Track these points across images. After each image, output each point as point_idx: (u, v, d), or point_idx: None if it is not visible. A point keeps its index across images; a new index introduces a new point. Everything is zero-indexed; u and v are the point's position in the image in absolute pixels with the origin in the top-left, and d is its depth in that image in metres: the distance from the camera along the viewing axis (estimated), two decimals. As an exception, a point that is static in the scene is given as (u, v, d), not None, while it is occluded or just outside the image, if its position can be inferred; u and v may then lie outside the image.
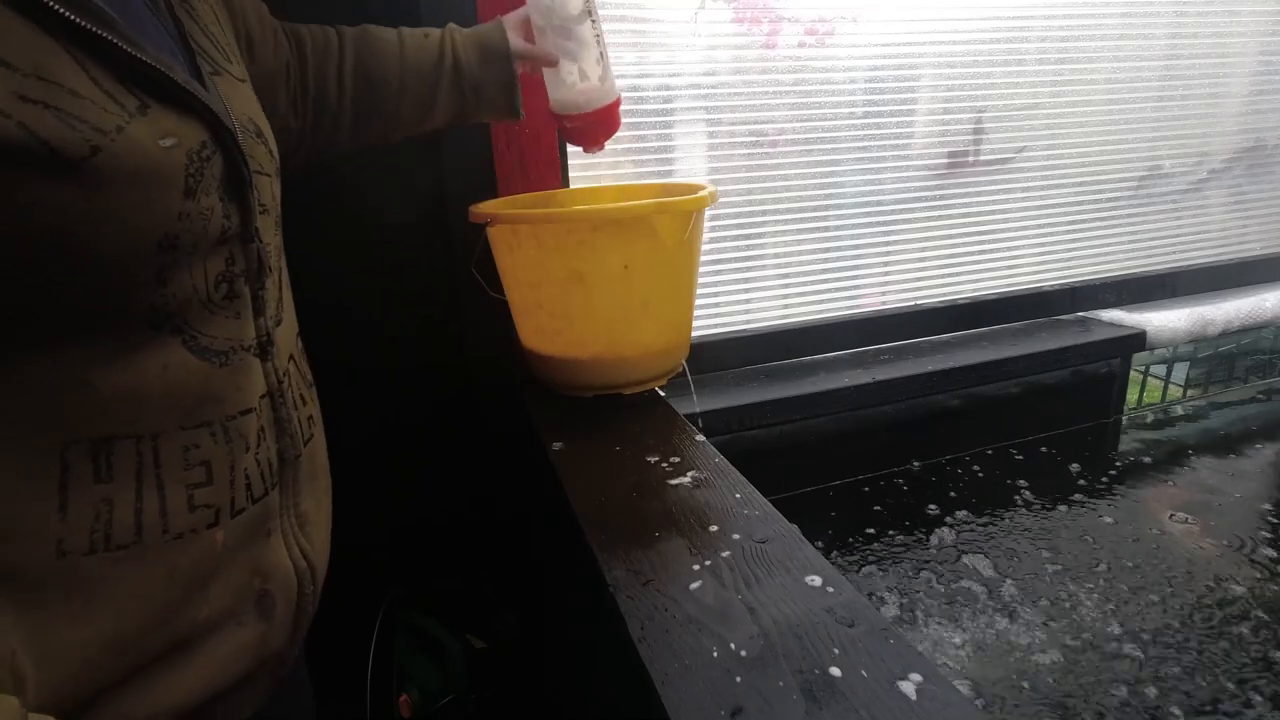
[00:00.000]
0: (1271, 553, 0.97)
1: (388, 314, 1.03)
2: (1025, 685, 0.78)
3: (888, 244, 1.28)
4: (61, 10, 0.34)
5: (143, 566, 0.38)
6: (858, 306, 1.29)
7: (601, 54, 0.77)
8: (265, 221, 0.47)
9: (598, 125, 0.80)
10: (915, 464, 1.24)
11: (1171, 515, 1.07)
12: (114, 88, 0.36)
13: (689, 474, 0.68)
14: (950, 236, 1.32)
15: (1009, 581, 0.94)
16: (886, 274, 1.30)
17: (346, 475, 0.63)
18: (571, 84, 0.78)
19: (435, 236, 0.99)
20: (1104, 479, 1.17)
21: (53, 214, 0.33)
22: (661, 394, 0.91)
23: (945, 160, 1.27)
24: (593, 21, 0.76)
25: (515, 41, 0.75)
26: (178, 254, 0.39)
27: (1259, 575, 0.93)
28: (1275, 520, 1.05)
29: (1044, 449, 1.28)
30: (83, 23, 0.34)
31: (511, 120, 0.79)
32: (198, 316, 0.41)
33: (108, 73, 0.36)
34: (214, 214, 0.41)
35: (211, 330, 0.42)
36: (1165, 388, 1.54)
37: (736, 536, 0.57)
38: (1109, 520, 1.06)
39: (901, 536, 1.05)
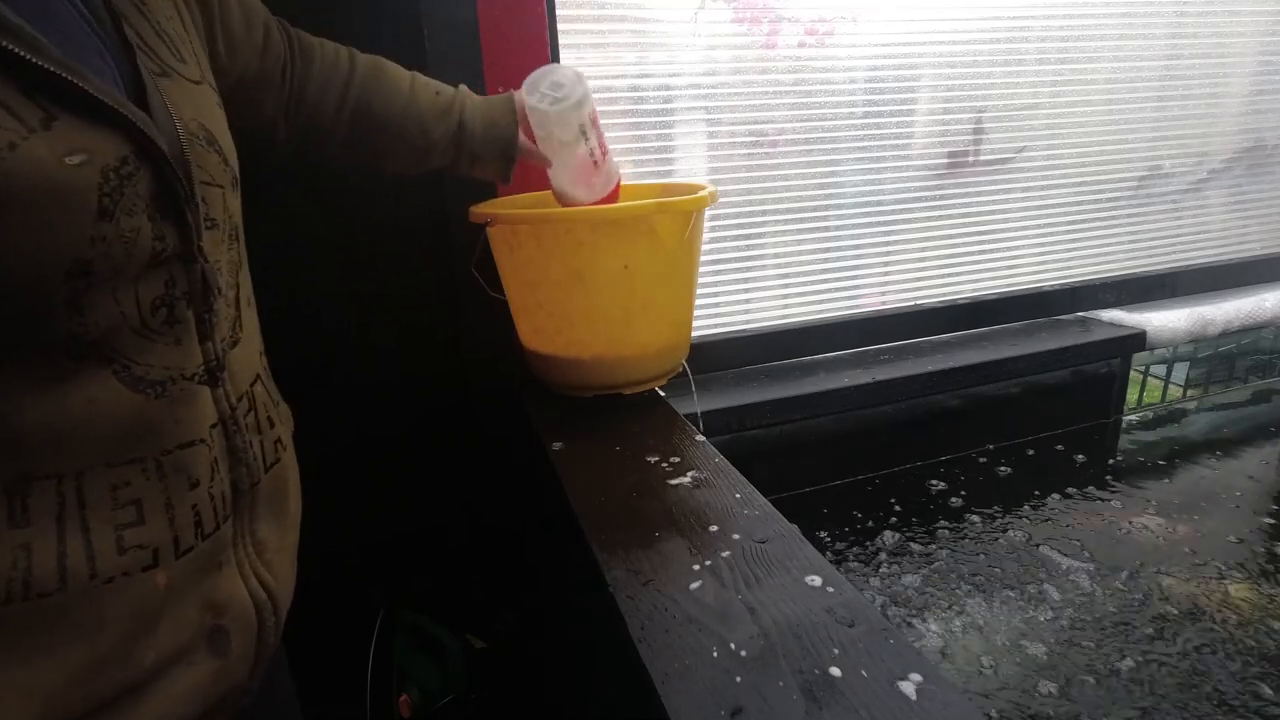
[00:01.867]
0: (1272, 552, 0.97)
1: (387, 314, 1.03)
2: (1028, 683, 0.78)
3: (888, 244, 1.28)
4: None
5: (71, 615, 0.35)
6: (858, 306, 1.29)
7: (596, 162, 0.79)
8: (214, 238, 0.44)
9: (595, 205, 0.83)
10: (915, 464, 1.24)
11: (1172, 515, 1.07)
12: (13, 98, 0.33)
13: (689, 474, 0.68)
14: (950, 236, 1.32)
15: (1010, 579, 0.94)
16: (886, 274, 1.30)
17: (345, 478, 0.63)
18: (570, 180, 0.80)
19: (435, 236, 0.99)
20: (1104, 479, 1.17)
21: None
22: (661, 394, 0.91)
23: (945, 160, 1.27)
24: (585, 139, 0.77)
25: (520, 137, 0.77)
26: (93, 280, 0.36)
27: (1259, 575, 0.93)
28: (1275, 520, 1.05)
29: (1044, 449, 1.28)
30: None
31: (501, 183, 0.82)
32: (130, 344, 0.38)
33: (9, 82, 0.33)
34: (140, 235, 0.37)
35: (148, 359, 0.39)
36: (1165, 388, 1.54)
37: (736, 536, 0.57)
38: (1108, 520, 1.06)
39: (902, 536, 1.05)
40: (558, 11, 0.96)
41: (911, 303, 1.32)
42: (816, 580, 0.51)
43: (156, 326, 0.39)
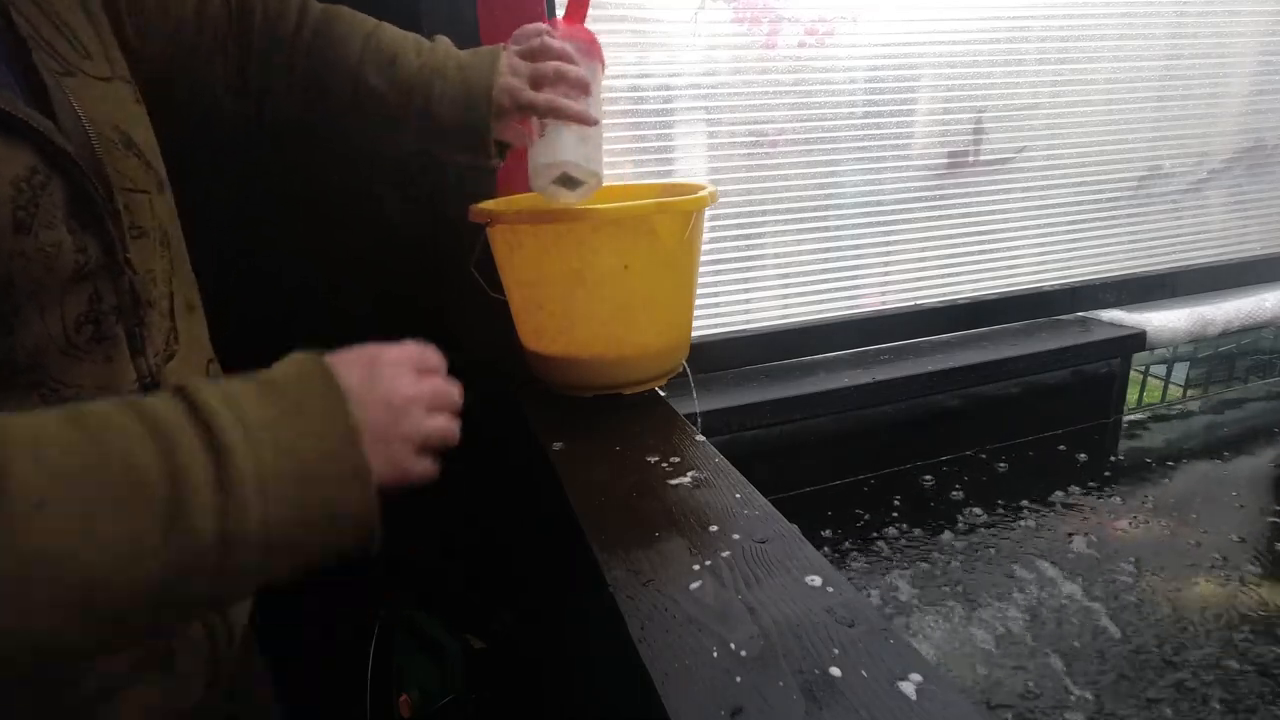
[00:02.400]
0: (1273, 552, 0.97)
1: (386, 314, 1.03)
2: (1030, 682, 0.78)
3: (888, 244, 1.28)
4: None
5: None
6: (858, 306, 1.29)
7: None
8: (142, 246, 0.42)
9: None
10: (915, 464, 1.24)
11: (1172, 515, 1.07)
12: None
13: (689, 474, 0.68)
14: (950, 236, 1.32)
15: (1010, 581, 0.94)
16: (886, 274, 1.30)
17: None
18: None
19: (435, 237, 0.99)
20: (1103, 479, 1.17)
21: None
22: (661, 394, 0.91)
23: (945, 160, 1.27)
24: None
25: (510, 88, 0.63)
26: (17, 298, 0.34)
27: (1259, 575, 0.93)
28: (1275, 520, 1.05)
29: (1044, 449, 1.28)
30: None
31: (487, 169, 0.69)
32: (57, 365, 0.36)
33: None
34: (62, 249, 0.36)
35: (77, 379, 0.37)
36: (1165, 388, 1.54)
37: (736, 536, 0.57)
38: (1108, 520, 1.06)
39: (902, 536, 1.05)
40: (558, 12, 0.96)
41: (911, 303, 1.32)
42: (816, 580, 0.51)
43: (83, 344, 0.38)
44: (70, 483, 0.29)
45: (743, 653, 0.44)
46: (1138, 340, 1.31)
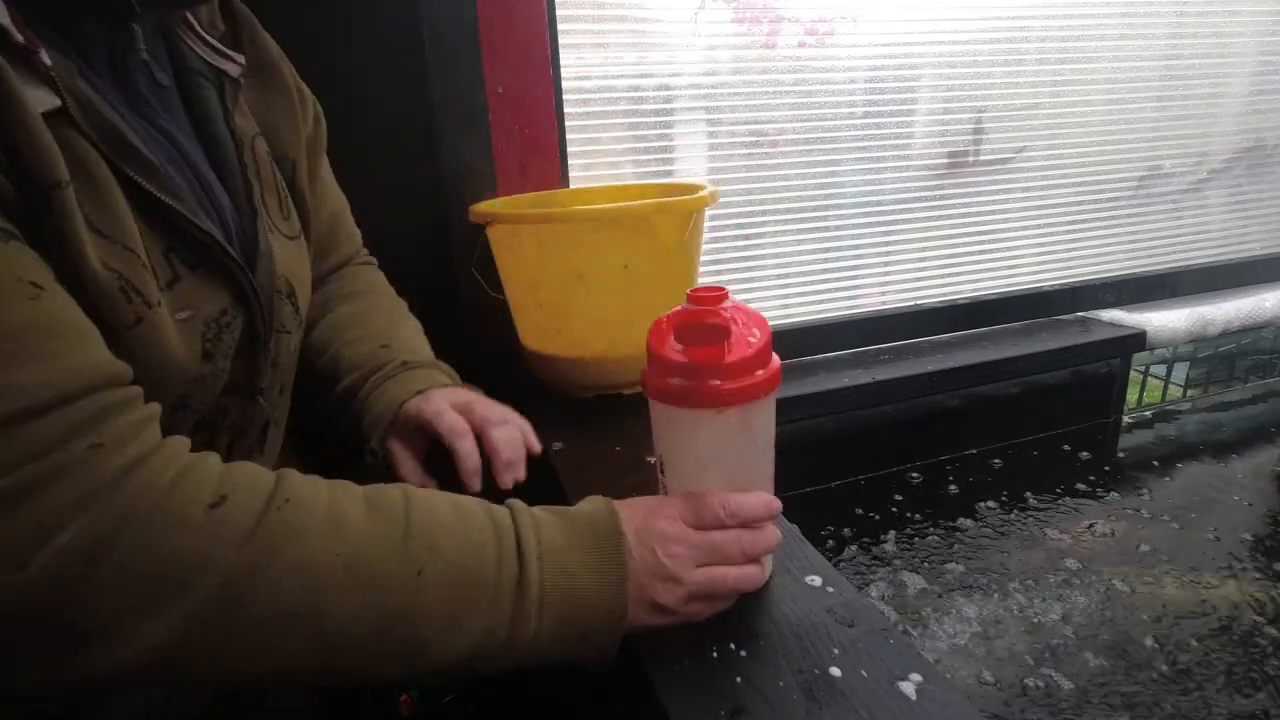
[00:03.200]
0: (1273, 551, 0.97)
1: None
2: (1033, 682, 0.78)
3: (888, 244, 1.28)
4: (143, 182, 0.36)
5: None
6: (858, 306, 1.29)
7: None
8: (273, 377, 0.48)
9: None
10: (915, 463, 1.24)
11: (1172, 514, 1.07)
12: (159, 259, 0.38)
13: (689, 474, 0.68)
14: (950, 236, 1.32)
15: (1011, 580, 0.94)
16: (886, 274, 1.30)
17: (344, 477, 0.63)
18: None
19: (435, 236, 0.99)
20: (1104, 479, 1.17)
21: None
22: (661, 394, 0.91)
23: (945, 160, 1.27)
24: None
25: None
26: (188, 413, 0.41)
27: (1259, 575, 0.93)
28: (1275, 520, 1.05)
29: (1044, 449, 1.28)
30: (157, 194, 0.36)
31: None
32: None
33: (159, 242, 0.37)
34: (224, 374, 0.43)
35: None
36: (1165, 388, 1.54)
37: (736, 536, 0.57)
38: (1108, 519, 1.06)
39: (902, 536, 1.05)
40: (558, 11, 0.96)
41: (911, 303, 1.32)
42: (816, 580, 0.51)
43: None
44: (445, 563, 0.36)
45: (743, 653, 0.44)
46: (1138, 340, 1.31)
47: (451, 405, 0.58)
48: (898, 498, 1.15)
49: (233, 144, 0.46)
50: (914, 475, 1.22)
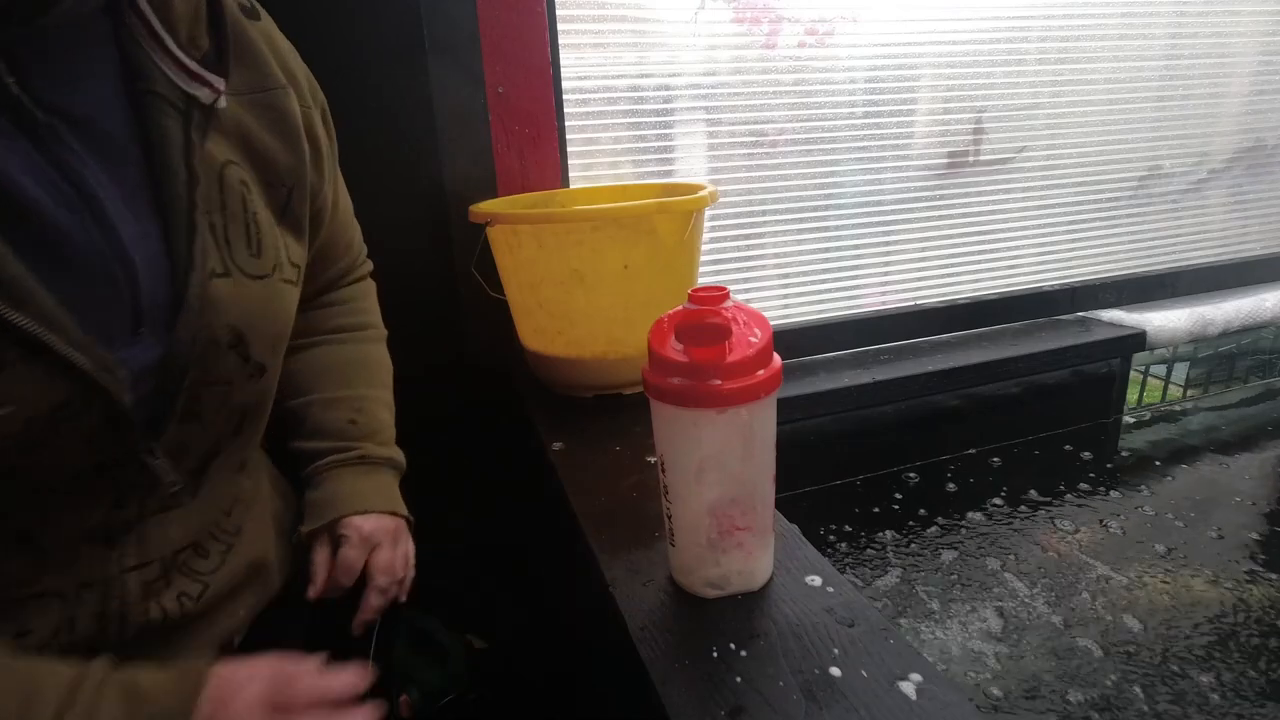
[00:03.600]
0: (1273, 550, 0.97)
1: (386, 315, 1.03)
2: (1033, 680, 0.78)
3: (888, 244, 1.28)
4: None
5: None
6: (858, 306, 1.29)
7: None
8: (185, 430, 0.43)
9: None
10: (915, 463, 1.24)
11: (1172, 514, 1.07)
12: None
13: (689, 474, 0.68)
14: (950, 236, 1.32)
15: (1011, 581, 0.94)
16: (886, 274, 1.30)
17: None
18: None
19: (435, 236, 0.99)
20: (1104, 478, 1.17)
21: None
22: (661, 394, 0.91)
23: (945, 160, 1.27)
24: None
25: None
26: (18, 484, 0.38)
27: (1259, 574, 0.93)
28: (1275, 520, 1.05)
29: (1044, 449, 1.28)
30: None
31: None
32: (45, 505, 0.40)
33: None
34: (72, 454, 0.39)
35: (57, 522, 0.41)
36: (1165, 388, 1.54)
37: (736, 536, 0.57)
38: (1108, 519, 1.06)
39: (902, 535, 1.05)
40: (558, 11, 0.96)
41: (911, 303, 1.32)
42: (816, 580, 0.51)
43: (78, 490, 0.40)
44: None
45: (743, 653, 0.44)
46: (1138, 340, 1.31)
47: (362, 540, 0.63)
48: (897, 497, 1.15)
49: (185, 176, 0.40)
50: (913, 475, 1.21)
